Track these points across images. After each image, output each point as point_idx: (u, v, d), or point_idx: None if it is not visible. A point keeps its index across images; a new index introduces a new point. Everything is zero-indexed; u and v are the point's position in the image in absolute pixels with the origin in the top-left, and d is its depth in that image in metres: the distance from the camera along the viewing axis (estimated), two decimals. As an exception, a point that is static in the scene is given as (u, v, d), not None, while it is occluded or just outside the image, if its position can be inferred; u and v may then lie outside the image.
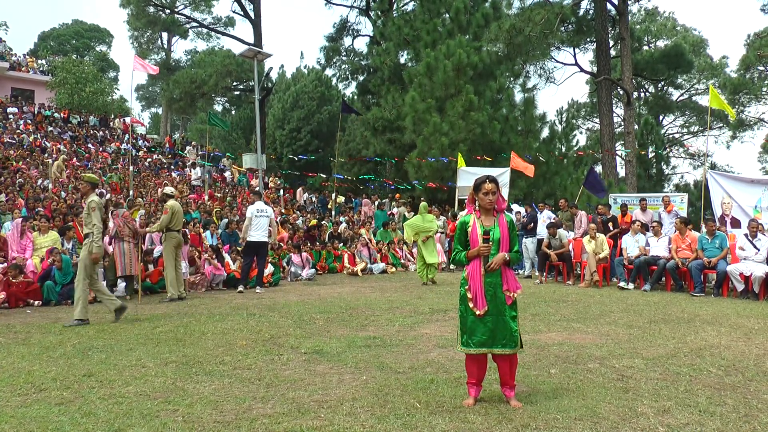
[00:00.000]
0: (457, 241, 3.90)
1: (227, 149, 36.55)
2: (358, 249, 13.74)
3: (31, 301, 8.38)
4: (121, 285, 9.83)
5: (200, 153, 27.69)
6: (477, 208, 3.87)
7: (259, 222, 10.20)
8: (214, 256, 10.92)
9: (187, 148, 29.33)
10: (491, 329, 3.72)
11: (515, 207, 14.90)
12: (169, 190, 9.88)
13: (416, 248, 11.99)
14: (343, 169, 25.52)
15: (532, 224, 12.75)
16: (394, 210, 18.46)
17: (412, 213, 18.04)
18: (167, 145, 30.47)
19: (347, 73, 30.74)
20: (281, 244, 13.24)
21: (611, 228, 12.16)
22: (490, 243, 3.74)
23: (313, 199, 21.81)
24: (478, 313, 3.73)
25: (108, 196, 14.75)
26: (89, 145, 25.79)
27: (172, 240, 9.20)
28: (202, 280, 10.53)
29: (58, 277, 8.63)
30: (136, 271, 9.31)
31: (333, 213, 19.16)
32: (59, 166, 18.36)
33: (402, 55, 23.38)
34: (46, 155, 21.32)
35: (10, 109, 29.07)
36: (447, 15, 20.58)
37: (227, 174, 24.86)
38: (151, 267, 10.02)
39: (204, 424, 3.42)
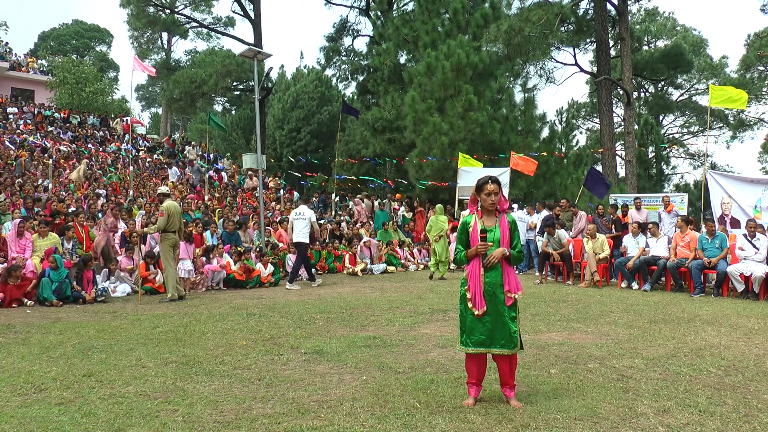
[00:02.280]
0: (459, 240, 3.91)
1: (227, 149, 36.55)
2: (361, 249, 13.73)
3: (26, 300, 8.36)
4: (123, 286, 9.85)
5: (199, 153, 27.69)
6: (479, 208, 3.88)
7: (298, 224, 10.99)
8: (222, 253, 10.96)
9: (187, 148, 29.31)
10: (489, 329, 3.72)
11: (520, 213, 14.40)
12: (164, 189, 9.90)
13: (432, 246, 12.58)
14: (343, 169, 25.51)
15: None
16: (401, 209, 18.51)
17: (411, 213, 18.12)
18: (167, 145, 30.43)
19: (347, 73, 30.71)
20: (281, 243, 13.25)
21: (614, 230, 12.09)
22: (490, 243, 3.74)
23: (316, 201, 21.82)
24: (476, 313, 3.73)
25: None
26: (89, 145, 25.77)
27: (168, 240, 9.21)
28: (202, 280, 10.54)
29: (53, 275, 8.62)
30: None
31: (333, 213, 19.17)
32: (83, 171, 18.43)
33: (402, 55, 23.36)
34: (46, 155, 21.31)
35: (10, 109, 29.05)
36: (446, 15, 20.56)
37: (224, 174, 24.83)
38: (152, 267, 10.01)
39: (204, 424, 3.42)
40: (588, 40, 26.46)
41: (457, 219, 14.08)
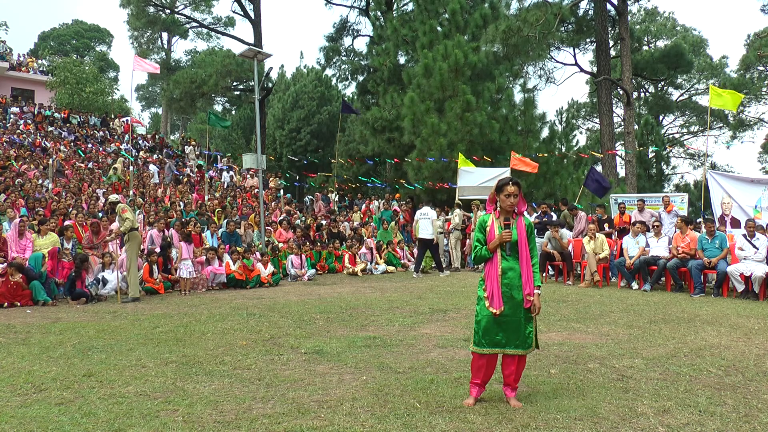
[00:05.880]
0: (477, 239, 3.92)
1: (227, 149, 36.54)
2: (362, 252, 13.71)
3: (18, 303, 8.29)
4: (113, 282, 9.65)
5: (197, 153, 27.68)
6: (497, 208, 3.89)
7: (424, 224, 12.60)
8: (222, 254, 10.98)
9: (187, 148, 29.27)
10: (505, 330, 3.73)
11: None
12: (113, 197, 9.96)
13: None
14: (343, 169, 25.50)
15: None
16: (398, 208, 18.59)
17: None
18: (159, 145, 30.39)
19: (347, 73, 30.70)
20: (281, 244, 13.24)
21: (606, 228, 12.15)
22: (510, 231, 3.76)
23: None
24: (494, 311, 3.72)
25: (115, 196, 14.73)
26: (89, 145, 25.78)
27: (136, 240, 9.22)
28: (202, 280, 10.53)
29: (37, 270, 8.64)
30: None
31: (335, 211, 19.15)
32: (122, 169, 18.77)
33: (401, 56, 23.36)
34: (46, 155, 21.31)
35: (12, 109, 29.04)
36: (445, 15, 20.54)
37: (232, 174, 24.82)
38: (155, 268, 9.97)
39: (204, 424, 3.42)
40: (588, 40, 26.48)
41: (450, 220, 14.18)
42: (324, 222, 16.50)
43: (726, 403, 3.80)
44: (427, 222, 12.59)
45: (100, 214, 12.40)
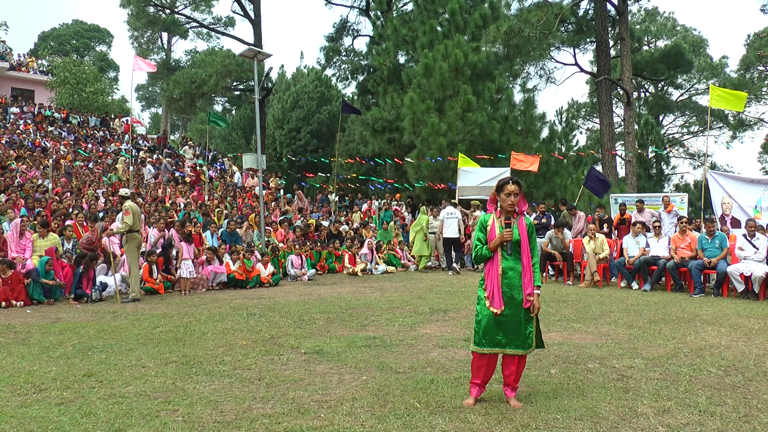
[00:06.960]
0: (477, 238, 3.91)
1: (227, 149, 36.53)
2: (362, 252, 13.70)
3: (14, 302, 8.25)
4: (111, 285, 9.61)
5: (197, 153, 27.67)
6: (498, 208, 3.89)
7: (450, 223, 13.08)
8: (223, 254, 10.98)
9: (185, 147, 29.26)
10: (506, 330, 3.73)
11: None
12: (124, 191, 9.94)
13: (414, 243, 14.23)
14: (343, 169, 25.50)
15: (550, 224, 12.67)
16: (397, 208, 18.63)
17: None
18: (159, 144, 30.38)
19: (347, 73, 30.71)
20: (281, 243, 13.24)
21: (606, 228, 12.16)
22: (512, 230, 3.76)
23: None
24: (494, 311, 3.71)
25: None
26: (89, 145, 25.78)
27: (134, 240, 9.21)
28: (202, 280, 10.53)
29: (42, 274, 8.64)
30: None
31: (333, 212, 19.15)
32: (123, 169, 18.87)
33: (401, 56, 23.37)
34: (46, 155, 21.31)
35: (12, 109, 29.05)
36: (445, 15, 20.56)
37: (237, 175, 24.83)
38: (154, 268, 9.97)
39: (204, 424, 3.42)
40: (588, 40, 26.47)
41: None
42: (324, 223, 16.49)
43: (726, 403, 3.81)
44: (452, 221, 13.09)
45: (101, 214, 12.41)
